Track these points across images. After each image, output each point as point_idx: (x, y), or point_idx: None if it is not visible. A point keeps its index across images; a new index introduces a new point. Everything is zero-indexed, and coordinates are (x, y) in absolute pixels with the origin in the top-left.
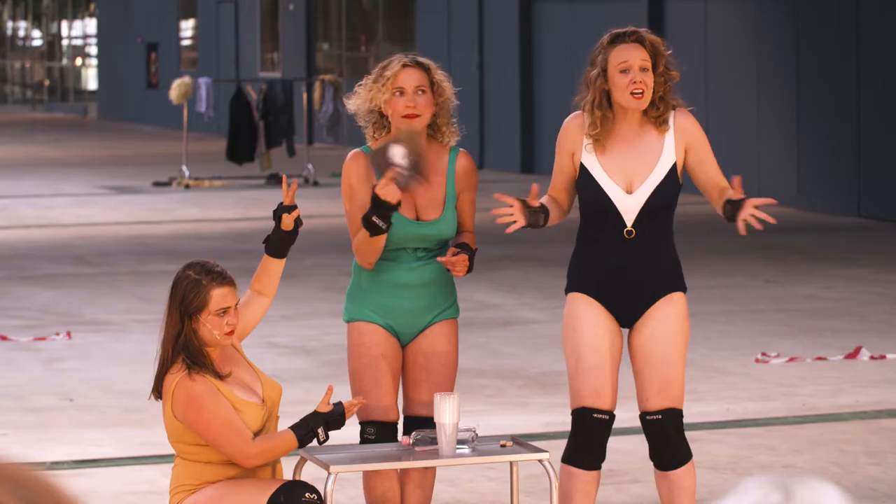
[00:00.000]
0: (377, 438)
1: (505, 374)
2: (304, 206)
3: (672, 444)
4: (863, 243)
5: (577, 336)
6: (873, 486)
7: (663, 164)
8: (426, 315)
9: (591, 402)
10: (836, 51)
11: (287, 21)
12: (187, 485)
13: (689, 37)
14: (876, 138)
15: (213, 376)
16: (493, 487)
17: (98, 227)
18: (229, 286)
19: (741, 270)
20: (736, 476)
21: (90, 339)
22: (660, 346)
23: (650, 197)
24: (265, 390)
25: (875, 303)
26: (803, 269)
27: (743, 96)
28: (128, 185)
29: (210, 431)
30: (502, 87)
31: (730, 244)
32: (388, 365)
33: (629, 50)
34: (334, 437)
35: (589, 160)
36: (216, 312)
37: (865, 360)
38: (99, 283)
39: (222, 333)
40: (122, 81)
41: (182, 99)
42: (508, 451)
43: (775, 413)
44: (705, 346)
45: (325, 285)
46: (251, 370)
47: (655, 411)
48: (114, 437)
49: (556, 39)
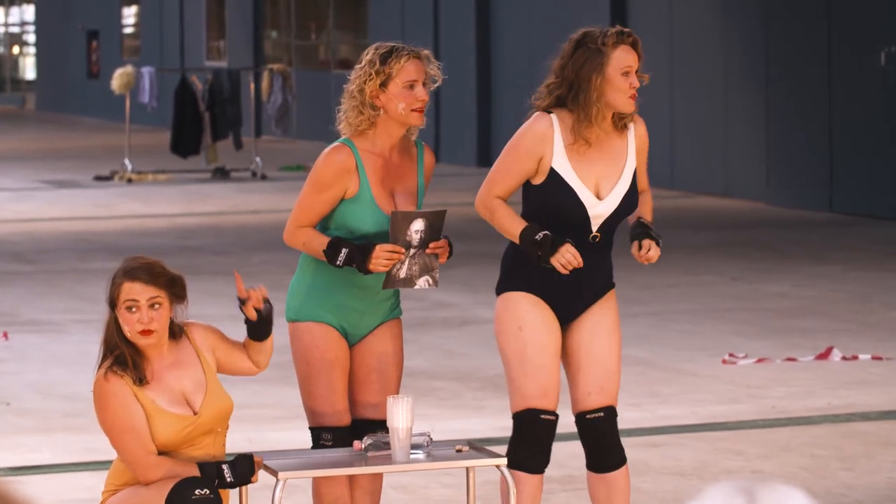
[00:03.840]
0: (333, 444)
1: (461, 376)
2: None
3: (610, 442)
4: (834, 240)
5: (523, 335)
6: (844, 492)
7: (628, 170)
8: (377, 316)
9: (537, 402)
10: (807, 43)
11: (234, 8)
12: (111, 488)
13: (653, 29)
14: (848, 131)
15: (132, 378)
16: (449, 494)
17: (36, 222)
18: (141, 282)
19: (706, 268)
20: (702, 482)
21: (28, 339)
22: (603, 342)
23: (619, 205)
24: (206, 403)
25: (847, 301)
26: (772, 266)
27: (710, 90)
28: (68, 179)
29: (111, 434)
30: (458, 78)
31: (695, 240)
32: (341, 368)
33: (631, 52)
34: (284, 442)
35: (561, 164)
36: (124, 307)
37: (837, 361)
38: (37, 282)
39: (133, 332)
40: (61, 71)
41: (124, 89)
42: (465, 457)
43: (743, 416)
44: (669, 346)
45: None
46: (201, 380)
47: (596, 409)
48: (53, 442)
49: (514, 29)
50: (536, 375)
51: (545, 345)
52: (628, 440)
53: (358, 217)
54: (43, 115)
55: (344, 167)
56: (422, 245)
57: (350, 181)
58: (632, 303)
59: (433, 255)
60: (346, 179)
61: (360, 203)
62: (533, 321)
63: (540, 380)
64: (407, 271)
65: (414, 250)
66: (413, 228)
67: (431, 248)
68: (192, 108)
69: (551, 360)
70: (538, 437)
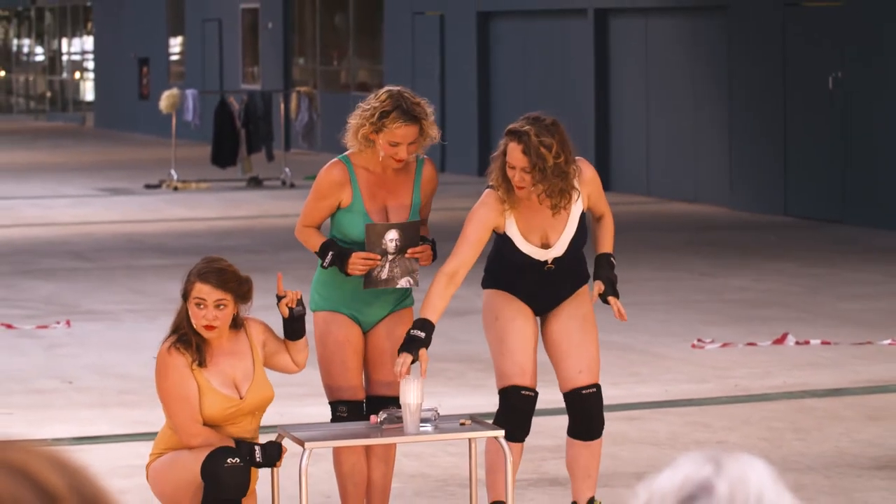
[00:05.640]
0: (349, 416)
1: (464, 358)
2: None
3: (598, 415)
4: (789, 240)
5: (499, 322)
6: (798, 459)
7: (573, 218)
8: (387, 307)
9: (518, 380)
10: (765, 70)
11: (266, 38)
12: (156, 451)
13: (630, 50)
14: (801, 146)
15: (192, 358)
16: (454, 461)
17: (94, 225)
18: (210, 285)
19: (679, 264)
20: (675, 451)
21: (88, 327)
22: (581, 329)
23: (567, 249)
24: (251, 390)
25: (800, 294)
26: (735, 262)
27: (681, 106)
28: (121, 187)
29: (166, 400)
30: (462, 97)
31: (668, 240)
32: (353, 349)
33: (513, 152)
34: (311, 416)
35: (511, 230)
36: (194, 303)
37: (791, 346)
38: (95, 277)
39: (199, 325)
40: (116, 93)
41: (171, 109)
42: (467, 429)
43: (710, 394)
44: (646, 333)
45: (300, 278)
46: (250, 370)
47: (588, 386)
48: (108, 416)
49: (510, 53)
50: (513, 356)
51: (519, 329)
52: (610, 414)
53: (351, 225)
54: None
55: (337, 181)
56: (399, 251)
57: (343, 193)
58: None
59: (413, 258)
60: (340, 192)
61: (353, 213)
62: (507, 311)
63: (517, 359)
64: (388, 273)
65: (392, 256)
66: (387, 238)
67: (410, 252)
68: (230, 125)
69: (526, 343)
70: (520, 411)
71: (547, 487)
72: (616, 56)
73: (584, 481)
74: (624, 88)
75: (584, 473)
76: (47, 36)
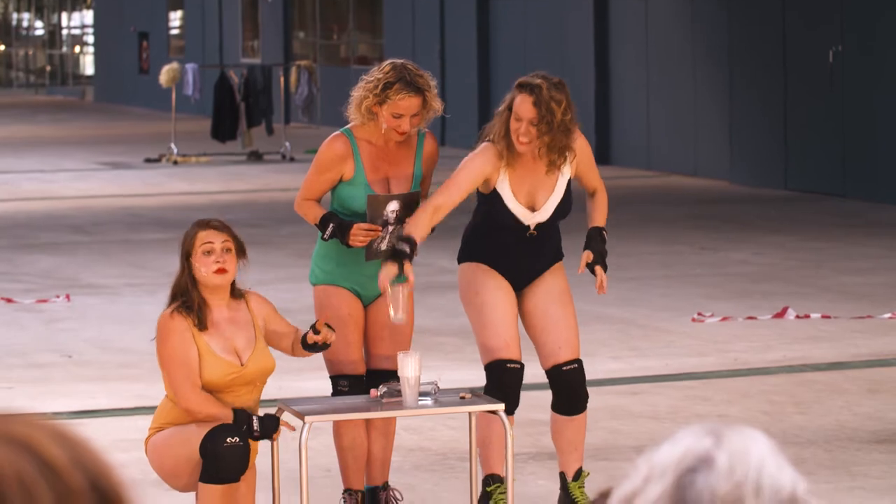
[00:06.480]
0: (350, 390)
1: (463, 333)
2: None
3: (581, 389)
4: (789, 214)
5: (480, 297)
6: (798, 433)
7: (561, 184)
8: None
9: (504, 353)
10: (765, 43)
11: (266, 11)
12: (156, 425)
13: (631, 29)
14: (801, 120)
15: (194, 322)
16: (454, 435)
17: (94, 199)
18: (214, 230)
19: (679, 238)
20: (675, 425)
21: (87, 301)
22: (559, 304)
23: (552, 214)
24: (252, 358)
25: (800, 268)
26: (736, 236)
27: (681, 83)
28: (121, 161)
29: (166, 364)
30: (461, 71)
31: (668, 214)
32: (354, 323)
33: (523, 103)
34: (311, 390)
35: (502, 186)
36: (202, 251)
37: (791, 320)
38: (94, 251)
39: (209, 270)
40: (116, 67)
41: (171, 83)
42: (467, 403)
43: (710, 367)
44: (646, 307)
45: (300, 252)
46: (252, 339)
47: (570, 361)
48: (108, 390)
49: (510, 28)
50: (496, 329)
51: (499, 303)
52: (610, 388)
53: (353, 197)
54: (100, 106)
55: (339, 154)
56: (399, 222)
57: (346, 166)
58: (613, 269)
59: None
60: (342, 164)
61: (355, 185)
62: (487, 285)
63: (499, 332)
64: (389, 244)
65: (393, 227)
66: (389, 209)
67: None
68: (230, 99)
69: (507, 316)
70: (507, 384)
71: (546, 461)
72: (616, 28)
73: (570, 454)
74: (624, 60)
75: (570, 447)
76: (47, 10)
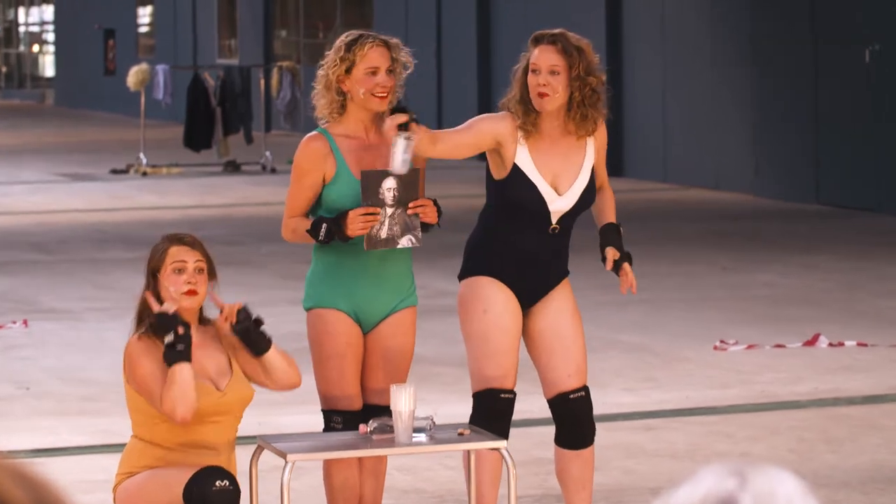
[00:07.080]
0: (344, 427)
1: (462, 362)
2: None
3: (588, 420)
4: (820, 230)
5: (487, 318)
6: (830, 474)
7: (587, 167)
8: (389, 302)
9: (498, 383)
10: (794, 43)
11: (244, 7)
12: (125, 471)
13: (646, 27)
14: (833, 127)
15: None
16: (451, 475)
17: (55, 214)
18: (187, 246)
19: (699, 258)
20: (694, 463)
21: (47, 326)
22: (570, 326)
23: (578, 201)
24: (231, 385)
25: (833, 290)
26: (761, 256)
27: (701, 90)
28: (85, 172)
29: (143, 386)
30: (459, 73)
31: (687, 231)
32: (353, 355)
33: (543, 52)
34: (294, 426)
35: (523, 159)
36: (172, 268)
37: (823, 348)
38: (56, 271)
39: (178, 291)
40: (79, 68)
41: (139, 86)
42: (466, 440)
43: (733, 400)
44: (663, 333)
45: (282, 273)
46: (225, 367)
47: (578, 389)
48: (70, 425)
49: (512, 22)
50: (498, 357)
51: (508, 328)
52: (624, 423)
53: (341, 196)
54: (61, 111)
55: (318, 153)
56: (399, 204)
57: (326, 165)
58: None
59: (414, 215)
60: (322, 164)
61: (340, 183)
62: (497, 304)
63: (501, 361)
64: (388, 231)
65: (391, 209)
66: (384, 187)
67: (412, 207)
68: (205, 103)
69: (512, 342)
70: (499, 415)
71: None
72: (629, 28)
73: (577, 493)
74: (638, 63)
75: (577, 486)
76: (2, 5)
